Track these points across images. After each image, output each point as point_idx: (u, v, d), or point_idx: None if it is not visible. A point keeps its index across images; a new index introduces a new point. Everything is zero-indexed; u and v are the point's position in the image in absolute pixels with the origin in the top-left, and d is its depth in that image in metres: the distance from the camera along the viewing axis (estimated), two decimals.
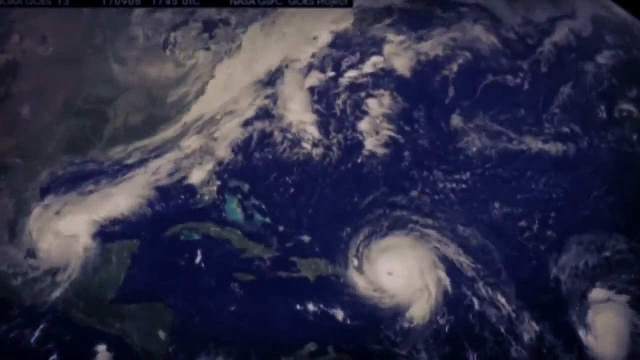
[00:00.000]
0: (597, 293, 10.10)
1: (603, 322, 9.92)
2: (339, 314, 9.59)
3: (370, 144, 10.94)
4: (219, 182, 10.47)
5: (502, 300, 9.82)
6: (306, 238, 10.11)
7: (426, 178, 10.69)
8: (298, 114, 11.17)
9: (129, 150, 10.84)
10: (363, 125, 11.11)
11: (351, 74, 11.68)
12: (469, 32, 12.36)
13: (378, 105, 11.30)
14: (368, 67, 11.76)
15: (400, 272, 9.98)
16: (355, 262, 10.00)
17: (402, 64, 11.80)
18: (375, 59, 11.86)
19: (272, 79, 11.62)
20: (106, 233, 9.96)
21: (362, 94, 11.42)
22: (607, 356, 9.70)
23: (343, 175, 10.69)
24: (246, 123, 11.07)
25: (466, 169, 10.84)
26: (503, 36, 12.42)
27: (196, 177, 10.52)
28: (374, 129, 11.06)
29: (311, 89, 11.45)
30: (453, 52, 12.04)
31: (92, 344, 9.17)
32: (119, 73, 11.76)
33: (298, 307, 9.59)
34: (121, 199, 10.24)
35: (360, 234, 10.20)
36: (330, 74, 11.66)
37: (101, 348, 9.13)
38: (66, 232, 9.96)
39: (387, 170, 10.76)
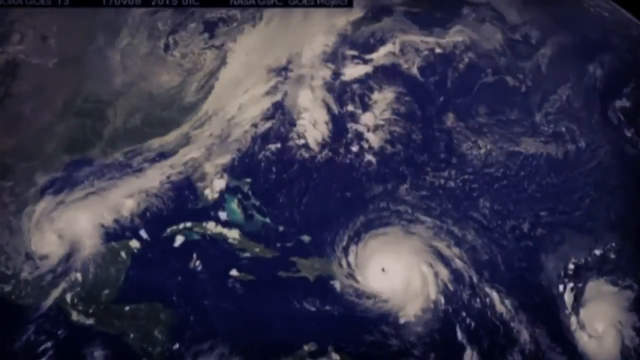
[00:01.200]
0: (591, 292, 10.13)
1: (596, 320, 9.97)
2: (339, 314, 9.58)
3: (371, 141, 10.96)
4: (219, 183, 10.47)
5: (498, 299, 9.84)
6: (306, 238, 10.11)
7: (424, 176, 10.73)
8: (303, 110, 11.18)
9: (129, 151, 10.83)
10: (366, 120, 11.14)
11: (355, 70, 11.70)
12: (475, 31, 12.38)
13: (381, 102, 11.31)
14: (372, 64, 11.81)
15: (396, 270, 10.03)
16: (353, 260, 10.01)
17: (407, 62, 11.83)
18: (379, 56, 11.91)
19: (278, 75, 11.63)
20: (106, 233, 9.96)
21: (365, 91, 11.45)
22: (600, 354, 9.73)
23: (343, 173, 10.70)
24: (250, 120, 11.08)
25: (465, 168, 10.85)
26: (508, 36, 12.46)
27: (196, 177, 10.52)
28: (376, 124, 11.07)
29: (317, 85, 11.46)
30: (458, 51, 12.06)
31: (91, 343, 9.17)
32: (119, 73, 11.74)
33: (298, 307, 9.59)
34: (121, 199, 10.24)
35: (358, 233, 10.22)
36: (336, 69, 11.69)
37: (100, 347, 9.14)
38: (66, 232, 9.96)
39: (387, 168, 10.77)
